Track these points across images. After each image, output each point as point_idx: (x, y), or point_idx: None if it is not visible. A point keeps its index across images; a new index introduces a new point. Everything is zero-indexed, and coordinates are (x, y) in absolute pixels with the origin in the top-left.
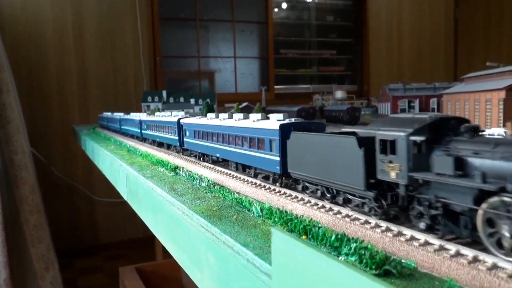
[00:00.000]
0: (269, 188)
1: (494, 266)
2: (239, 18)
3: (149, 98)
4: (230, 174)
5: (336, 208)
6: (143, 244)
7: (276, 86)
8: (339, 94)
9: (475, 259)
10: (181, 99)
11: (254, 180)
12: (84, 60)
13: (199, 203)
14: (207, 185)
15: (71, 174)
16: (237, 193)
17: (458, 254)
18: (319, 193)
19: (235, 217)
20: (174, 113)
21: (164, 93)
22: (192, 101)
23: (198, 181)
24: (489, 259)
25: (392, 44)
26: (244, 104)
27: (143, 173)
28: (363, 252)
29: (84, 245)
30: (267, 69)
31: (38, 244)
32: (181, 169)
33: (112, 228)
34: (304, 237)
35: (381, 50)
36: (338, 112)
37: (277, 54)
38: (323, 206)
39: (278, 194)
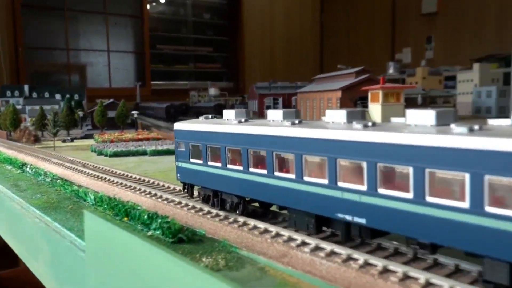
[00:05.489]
0: (112, 181)
1: (289, 238)
2: (112, 10)
3: (8, 93)
4: (76, 169)
5: (159, 193)
6: (2, 251)
7: (153, 82)
8: (212, 91)
9: (245, 223)
10: (46, 94)
11: (99, 174)
12: None
13: (39, 196)
14: (51, 180)
15: None
16: (79, 186)
17: (235, 221)
18: None
19: (70, 207)
20: None
21: (26, 87)
22: (58, 96)
23: (43, 176)
24: (272, 229)
25: (265, 44)
26: (110, 101)
27: None
28: (165, 226)
29: None
30: (143, 64)
31: None
32: (28, 166)
33: None
34: (126, 218)
35: (256, 49)
36: (206, 109)
37: (154, 49)
38: (149, 193)
39: (115, 184)
